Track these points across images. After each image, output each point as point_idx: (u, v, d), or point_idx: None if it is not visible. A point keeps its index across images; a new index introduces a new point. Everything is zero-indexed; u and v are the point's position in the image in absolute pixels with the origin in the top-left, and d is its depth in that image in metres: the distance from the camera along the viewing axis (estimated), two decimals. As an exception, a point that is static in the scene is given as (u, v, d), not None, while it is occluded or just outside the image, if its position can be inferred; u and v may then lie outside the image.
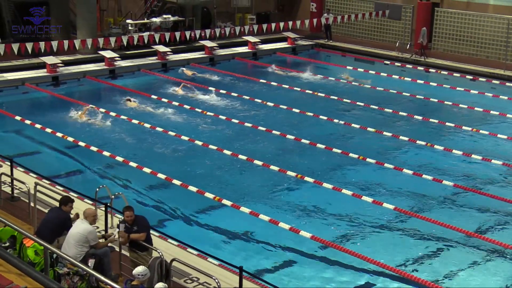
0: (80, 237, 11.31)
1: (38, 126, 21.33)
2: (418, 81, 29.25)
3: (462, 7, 33.06)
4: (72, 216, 12.21)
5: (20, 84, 26.48)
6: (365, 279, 13.42)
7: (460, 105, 25.33)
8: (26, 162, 16.88)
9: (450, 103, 25.62)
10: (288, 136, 21.13)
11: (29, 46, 26.47)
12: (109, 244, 12.16)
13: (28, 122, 21.74)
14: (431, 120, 23.40)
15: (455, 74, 30.20)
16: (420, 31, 32.01)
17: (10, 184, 15.41)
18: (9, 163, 15.38)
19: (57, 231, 11.86)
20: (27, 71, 27.46)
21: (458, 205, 16.98)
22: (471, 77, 29.74)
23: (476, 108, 24.90)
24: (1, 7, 31.03)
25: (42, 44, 26.78)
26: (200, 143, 20.28)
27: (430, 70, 31.09)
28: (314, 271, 13.67)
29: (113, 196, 14.02)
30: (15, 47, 26.33)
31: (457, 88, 27.85)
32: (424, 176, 18.12)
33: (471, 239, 14.93)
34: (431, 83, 28.96)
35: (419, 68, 31.40)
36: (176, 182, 17.24)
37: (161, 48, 30.63)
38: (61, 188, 14.77)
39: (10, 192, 15.35)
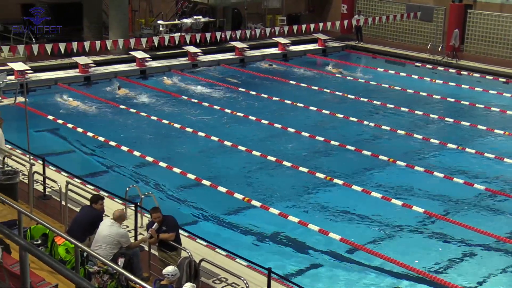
0: (112, 240, 11.39)
1: (70, 125, 21.58)
2: (450, 83, 29.00)
3: (496, 9, 32.71)
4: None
5: (53, 84, 26.83)
6: (394, 283, 13.33)
7: (492, 108, 25.07)
8: (58, 161, 17.07)
9: (482, 105, 25.36)
10: (318, 138, 21.08)
11: (62, 46, 26.79)
12: (139, 244, 12.24)
13: (60, 121, 22.01)
14: (462, 122, 23.18)
15: (487, 77, 29.89)
16: (452, 33, 31.75)
17: (42, 183, 15.60)
18: (41, 162, 15.55)
19: (89, 229, 11.96)
20: (60, 71, 27.82)
21: (490, 209, 16.80)
22: (503, 80, 29.44)
23: (508, 111, 24.62)
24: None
25: (74, 45, 27.08)
26: (229, 143, 20.33)
27: (462, 72, 30.82)
28: (343, 274, 13.62)
29: (143, 196, 14.11)
30: (48, 47, 26.65)
31: (490, 91, 27.54)
32: (455, 179, 17.96)
33: (502, 244, 14.76)
34: (462, 86, 28.71)
35: (450, 70, 31.15)
36: (206, 182, 17.31)
37: (192, 49, 30.78)
38: (92, 187, 14.90)
39: (42, 191, 15.54)
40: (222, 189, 16.88)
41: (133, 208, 13.47)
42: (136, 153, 19.31)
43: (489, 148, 20.57)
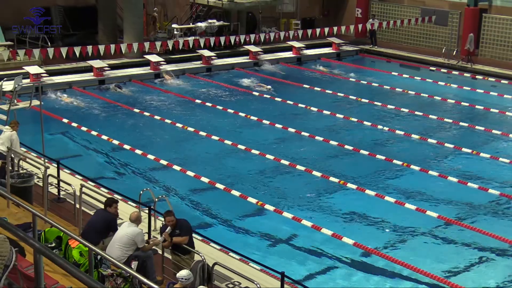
0: (128, 239, 11.43)
1: (84, 128, 21.67)
2: (465, 87, 28.87)
3: (511, 13, 32.51)
4: None
5: (67, 87, 26.93)
6: (408, 287, 13.28)
7: (507, 113, 24.94)
8: (72, 164, 17.14)
9: (496, 110, 25.23)
10: (331, 142, 21.05)
11: (77, 50, 26.94)
12: (153, 247, 12.27)
13: (74, 124, 22.11)
14: (477, 127, 23.08)
15: (502, 81, 29.73)
16: (467, 37, 31.60)
17: (57, 186, 15.68)
18: (56, 165, 15.63)
19: (103, 232, 12.02)
20: (75, 75, 27.97)
21: (504, 214, 16.70)
22: (519, 84, 29.27)
23: (524, 116, 24.49)
24: (50, 12, 31.66)
25: (89, 48, 27.24)
26: (243, 147, 20.34)
27: (477, 76, 30.66)
28: (356, 278, 13.59)
29: (156, 199, 14.14)
30: (64, 51, 26.81)
31: (505, 95, 27.40)
32: (469, 184, 17.87)
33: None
34: (477, 90, 28.56)
35: (465, 74, 30.99)
36: (219, 186, 17.32)
37: (206, 53, 30.83)
38: (106, 190, 14.95)
39: (57, 194, 15.62)
40: (235, 192, 16.89)
41: (147, 211, 13.52)
42: (150, 157, 19.36)
43: (504, 153, 20.47)
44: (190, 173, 18.09)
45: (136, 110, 24.17)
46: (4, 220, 7.50)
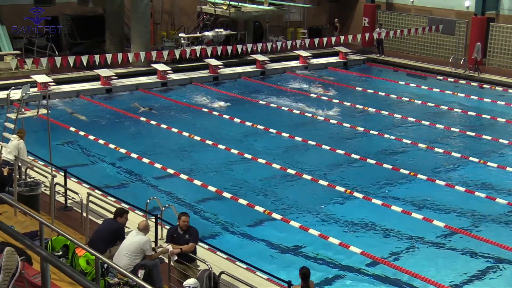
0: (136, 248, 11.44)
1: (91, 137, 21.71)
2: (472, 97, 28.82)
3: (518, 22, 32.52)
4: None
5: (75, 96, 27.03)
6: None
7: (515, 122, 24.90)
8: (79, 172, 17.18)
9: (504, 119, 25.17)
10: (338, 151, 21.03)
11: (84, 59, 27.04)
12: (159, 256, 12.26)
13: (82, 133, 22.15)
14: (484, 136, 23.02)
15: (510, 90, 29.68)
16: (475, 46, 31.56)
17: (64, 194, 15.70)
18: (63, 174, 15.66)
19: (110, 241, 12.02)
20: (82, 83, 28.04)
21: (512, 224, 16.64)
22: (526, 94, 29.19)
23: (531, 125, 24.41)
24: (58, 21, 31.82)
25: (96, 57, 27.33)
26: (249, 156, 20.34)
27: (484, 86, 30.61)
28: (363, 287, 13.54)
29: (163, 208, 14.15)
30: (71, 59, 26.91)
31: (512, 104, 27.39)
32: (476, 193, 17.83)
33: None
34: (485, 99, 28.51)
35: (472, 83, 30.95)
36: (226, 195, 17.32)
37: (213, 62, 30.90)
38: (113, 199, 14.97)
39: (64, 202, 15.64)
40: (242, 201, 16.89)
41: (154, 220, 13.52)
42: (157, 165, 19.38)
43: (511, 162, 20.39)
44: (197, 182, 18.09)
45: (143, 119, 24.21)
46: (11, 229, 7.51)
